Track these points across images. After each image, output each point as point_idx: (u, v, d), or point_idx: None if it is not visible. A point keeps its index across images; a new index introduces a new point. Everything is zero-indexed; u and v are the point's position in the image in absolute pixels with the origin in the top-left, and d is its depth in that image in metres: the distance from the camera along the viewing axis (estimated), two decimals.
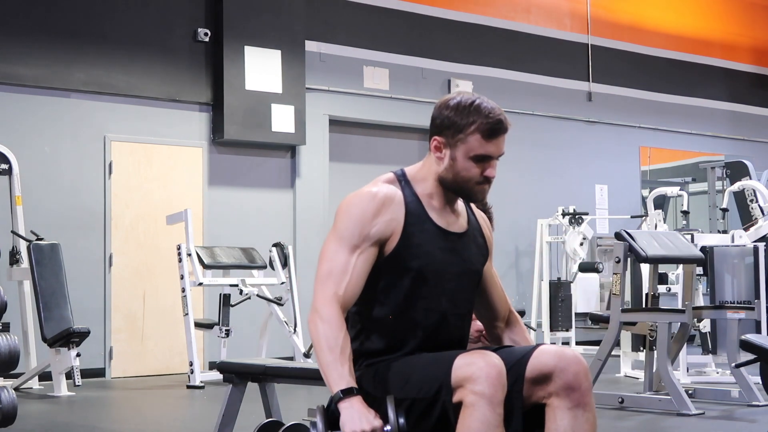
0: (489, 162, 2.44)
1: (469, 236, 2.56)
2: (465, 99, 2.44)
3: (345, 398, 2.24)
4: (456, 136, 2.43)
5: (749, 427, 5.41)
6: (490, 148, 2.43)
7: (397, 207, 2.44)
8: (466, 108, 2.42)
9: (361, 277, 2.39)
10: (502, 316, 2.69)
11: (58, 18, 8.20)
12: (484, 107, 2.41)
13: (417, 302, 2.45)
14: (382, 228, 2.41)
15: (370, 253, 2.40)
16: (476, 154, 2.42)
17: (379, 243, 2.42)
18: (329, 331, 2.30)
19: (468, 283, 2.55)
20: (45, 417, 6.17)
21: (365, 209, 2.41)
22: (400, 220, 2.43)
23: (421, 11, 10.28)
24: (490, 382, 2.23)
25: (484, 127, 2.41)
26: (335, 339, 2.30)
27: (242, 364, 4.03)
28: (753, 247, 7.27)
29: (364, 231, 2.39)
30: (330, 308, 2.33)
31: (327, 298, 2.34)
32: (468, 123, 2.41)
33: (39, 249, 7.15)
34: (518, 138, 10.88)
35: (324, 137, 9.51)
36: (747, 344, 3.81)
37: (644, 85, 12.09)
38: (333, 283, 2.35)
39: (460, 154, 2.43)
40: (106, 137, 8.36)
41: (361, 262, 2.38)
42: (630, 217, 10.84)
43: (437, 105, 2.48)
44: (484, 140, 2.42)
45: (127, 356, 8.30)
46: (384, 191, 2.44)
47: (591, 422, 2.35)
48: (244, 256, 7.97)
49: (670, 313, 6.03)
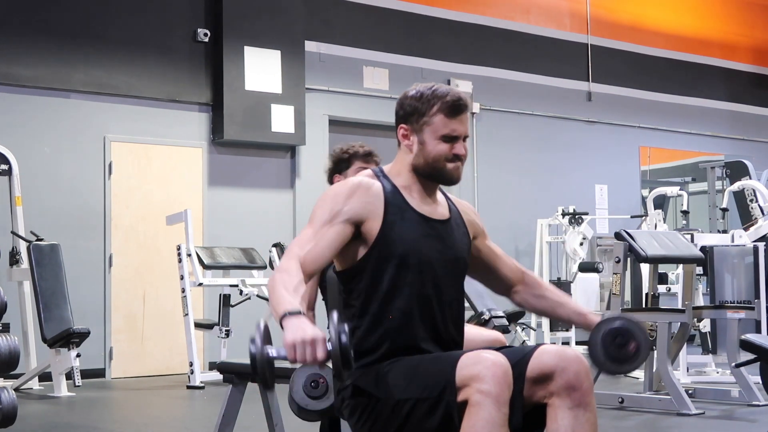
0: (456, 141, 2.52)
1: (451, 224, 2.60)
2: (423, 87, 2.56)
3: (291, 316, 2.16)
4: (420, 120, 2.53)
5: (749, 427, 5.41)
6: (454, 125, 2.52)
7: (374, 194, 2.49)
8: (425, 94, 2.53)
9: (327, 245, 2.40)
10: (516, 280, 2.74)
11: (58, 18, 8.20)
12: (442, 90, 2.54)
13: (403, 289, 2.47)
14: (356, 207, 2.45)
15: (342, 228, 2.43)
16: (442, 134, 2.52)
17: (353, 222, 2.44)
18: (284, 276, 2.29)
19: (453, 270, 2.57)
20: (45, 417, 6.17)
21: (338, 192, 2.48)
22: (379, 208, 2.47)
23: (421, 11, 10.28)
24: (497, 381, 2.23)
25: (445, 106, 2.51)
26: (290, 280, 2.27)
27: (242, 364, 4.02)
28: (753, 246, 7.27)
29: (335, 208, 2.44)
30: (289, 262, 2.34)
31: (288, 256, 2.36)
32: (430, 105, 2.52)
33: (39, 249, 7.15)
34: (518, 138, 10.91)
35: (324, 137, 9.51)
36: (747, 344, 3.82)
37: (644, 85, 12.09)
38: (297, 247, 2.39)
39: (427, 137, 2.52)
40: (106, 137, 8.36)
41: (330, 234, 2.41)
42: (630, 217, 10.84)
43: (399, 98, 2.59)
44: (447, 118, 2.52)
45: (127, 357, 8.30)
46: (359, 179, 2.53)
47: (592, 422, 2.35)
48: (244, 256, 7.97)
49: (670, 313, 6.04)
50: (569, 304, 2.76)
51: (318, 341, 2.10)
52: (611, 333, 2.57)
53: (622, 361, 2.56)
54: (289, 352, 2.10)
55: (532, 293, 2.73)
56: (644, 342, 2.56)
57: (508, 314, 8.23)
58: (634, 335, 2.55)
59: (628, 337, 2.55)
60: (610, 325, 2.58)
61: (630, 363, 2.57)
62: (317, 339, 2.10)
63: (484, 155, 10.52)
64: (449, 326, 2.54)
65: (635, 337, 2.55)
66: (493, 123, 10.72)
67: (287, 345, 2.10)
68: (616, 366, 2.57)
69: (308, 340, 2.09)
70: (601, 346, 2.56)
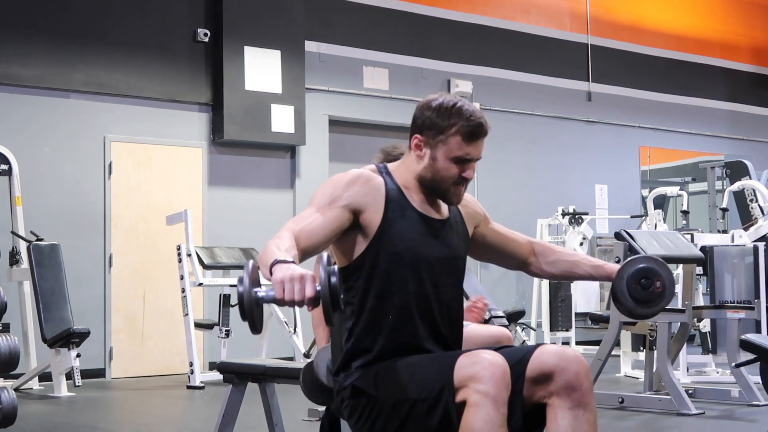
0: (468, 164, 2.52)
1: (450, 223, 2.60)
2: (447, 101, 2.51)
3: (281, 263, 2.12)
4: (437, 137, 2.50)
5: (749, 427, 5.40)
6: (469, 150, 2.51)
7: (375, 187, 2.48)
8: (447, 110, 2.49)
9: (322, 225, 2.36)
10: (528, 253, 2.76)
11: (58, 18, 8.20)
12: (465, 110, 2.49)
13: (402, 287, 2.46)
14: (355, 196, 2.43)
15: (340, 212, 2.40)
16: (456, 156, 2.49)
17: (351, 210, 2.42)
18: (276, 240, 2.24)
19: (451, 269, 2.57)
20: (45, 417, 6.17)
21: (338, 181, 2.46)
22: (380, 203, 2.46)
23: (421, 11, 10.28)
24: (495, 381, 2.23)
25: (465, 129, 2.48)
26: (281, 244, 2.22)
27: (242, 365, 4.03)
28: (753, 246, 7.27)
29: (334, 194, 2.42)
30: (282, 232, 2.29)
31: (283, 229, 2.31)
32: (449, 125, 2.48)
33: (39, 249, 7.15)
34: (518, 138, 10.91)
35: (324, 137, 9.51)
36: (747, 344, 3.82)
37: (644, 85, 12.09)
38: (292, 223, 2.35)
39: (440, 155, 2.50)
40: (105, 137, 8.36)
41: (327, 215, 2.38)
42: (630, 216, 10.84)
43: (419, 105, 2.55)
44: (464, 142, 2.49)
45: (127, 357, 8.30)
46: (362, 171, 2.51)
47: (591, 422, 2.35)
48: (244, 256, 7.97)
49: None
50: (584, 261, 2.75)
51: (307, 279, 2.07)
52: (635, 276, 2.59)
53: (651, 301, 2.60)
54: (278, 291, 2.05)
55: (545, 261, 2.75)
56: (668, 277, 2.60)
57: (508, 314, 8.27)
58: (657, 273, 2.58)
59: (652, 276, 2.58)
60: (633, 267, 2.59)
61: (660, 301, 2.61)
62: (306, 276, 2.07)
63: (484, 155, 10.37)
64: (448, 325, 2.54)
65: (659, 274, 2.58)
66: (493, 123, 10.49)
67: (276, 282, 2.07)
68: (647, 308, 2.60)
69: (297, 277, 2.06)
70: (628, 292, 2.58)
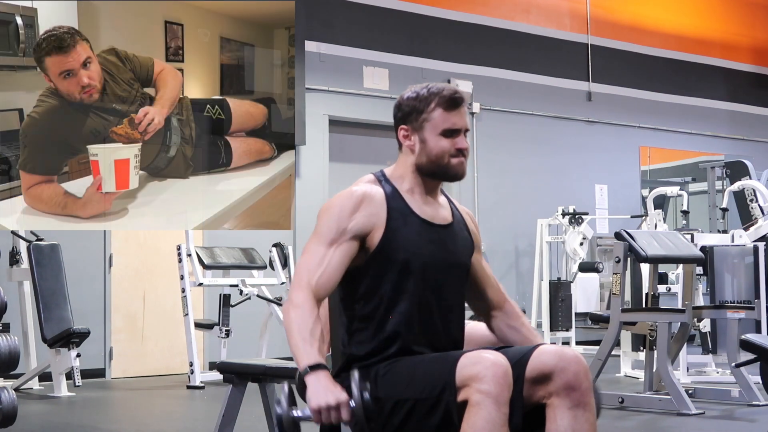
0: (457, 135, 2.53)
1: (454, 228, 2.59)
2: (418, 87, 2.58)
3: (312, 372, 2.25)
4: (419, 117, 2.53)
5: (749, 426, 5.40)
6: (454, 118, 2.52)
7: (377, 204, 2.48)
8: (422, 92, 2.55)
9: (336, 268, 2.41)
10: (497, 305, 2.70)
11: None
12: (437, 87, 2.55)
13: (404, 295, 2.46)
14: (361, 223, 2.44)
15: (349, 246, 2.43)
16: (443, 128, 2.51)
17: (359, 237, 2.44)
18: (299, 316, 2.32)
19: (455, 275, 2.56)
20: (45, 417, 6.17)
21: (343, 206, 2.46)
22: (382, 216, 2.47)
23: (421, 11, 10.29)
24: (497, 381, 2.23)
25: (443, 100, 2.52)
26: (305, 322, 2.31)
27: (242, 365, 4.03)
28: (753, 246, 7.27)
29: (341, 225, 2.43)
30: (301, 294, 2.36)
31: (300, 286, 2.38)
32: (427, 102, 2.53)
33: (39, 249, 7.15)
34: (518, 138, 10.92)
35: (324, 137, 9.51)
36: (747, 344, 3.81)
37: (644, 85, 12.10)
38: (306, 274, 2.39)
39: (428, 134, 2.52)
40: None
41: (338, 255, 2.41)
42: (630, 216, 10.84)
43: (395, 104, 2.59)
44: (446, 113, 2.52)
45: (127, 356, 8.30)
46: (363, 189, 2.50)
47: (591, 422, 2.35)
48: (244, 256, 7.97)
49: (670, 312, 6.03)
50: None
51: (342, 405, 2.22)
52: None
53: None
54: (315, 416, 2.24)
55: (507, 323, 2.68)
56: None
57: None
58: None
59: None
60: None
61: None
62: (341, 403, 2.22)
63: (485, 155, 10.52)
64: (450, 332, 2.54)
65: None
66: (493, 123, 10.72)
67: (312, 410, 2.23)
68: None
69: (333, 405, 2.21)
70: None
